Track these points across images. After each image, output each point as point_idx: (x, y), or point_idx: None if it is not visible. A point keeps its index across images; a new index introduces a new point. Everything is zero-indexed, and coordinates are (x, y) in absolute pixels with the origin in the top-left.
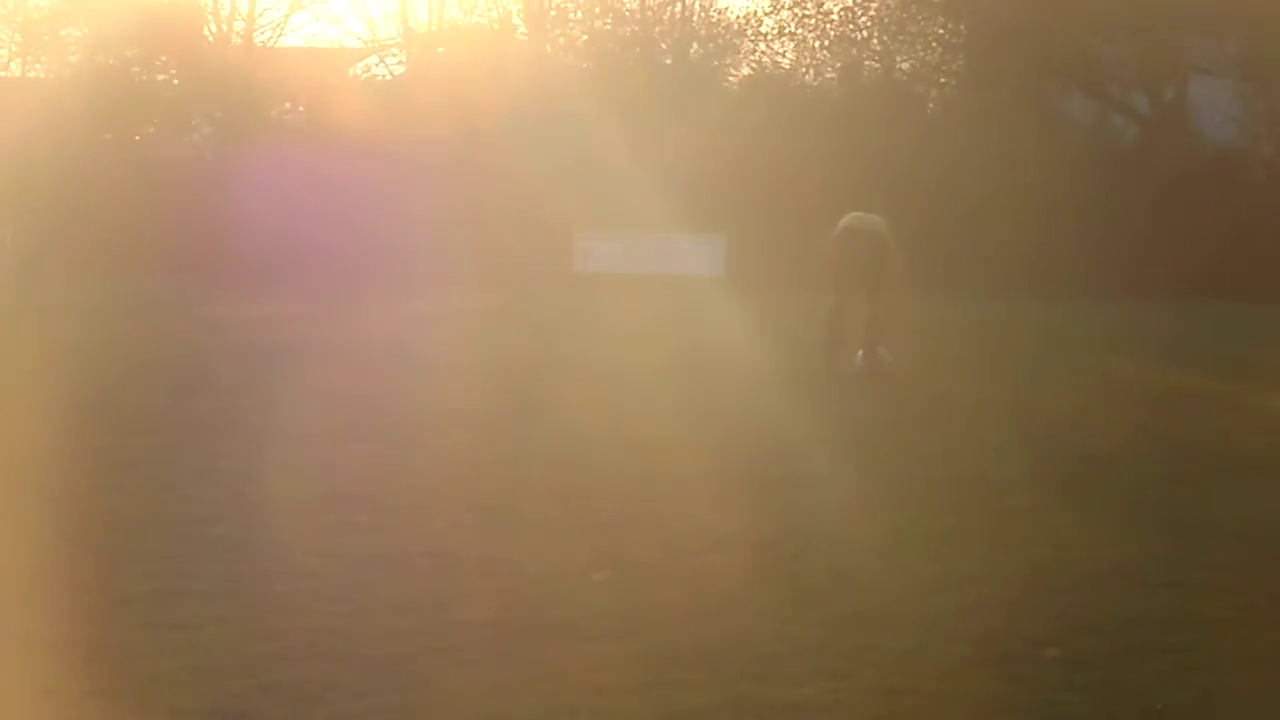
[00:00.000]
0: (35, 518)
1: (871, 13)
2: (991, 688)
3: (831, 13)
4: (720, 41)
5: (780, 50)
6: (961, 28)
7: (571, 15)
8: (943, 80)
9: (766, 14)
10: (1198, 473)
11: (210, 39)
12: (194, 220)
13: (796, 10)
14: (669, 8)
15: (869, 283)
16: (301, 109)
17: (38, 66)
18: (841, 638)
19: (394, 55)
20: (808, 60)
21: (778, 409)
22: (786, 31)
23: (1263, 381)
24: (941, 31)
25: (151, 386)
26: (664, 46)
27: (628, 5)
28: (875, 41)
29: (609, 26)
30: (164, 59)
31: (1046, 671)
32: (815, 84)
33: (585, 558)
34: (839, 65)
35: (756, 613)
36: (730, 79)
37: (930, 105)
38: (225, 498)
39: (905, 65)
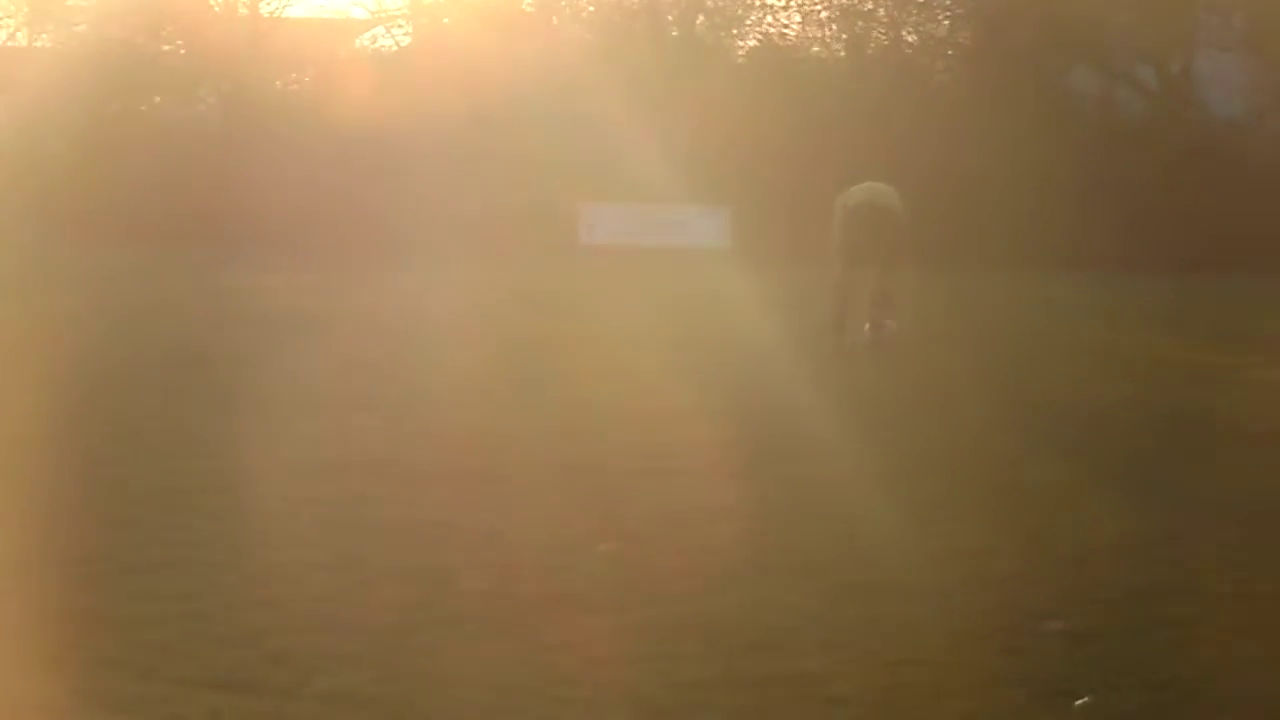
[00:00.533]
0: (40, 488)
1: None
2: (993, 660)
3: None
4: (726, 13)
5: (786, 22)
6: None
7: None
8: (949, 53)
9: None
10: (1202, 447)
11: (216, 9)
12: (201, 191)
13: None
14: None
15: (884, 258)
16: (308, 80)
17: (44, 36)
18: (843, 609)
19: (400, 26)
20: (814, 32)
21: (782, 381)
22: (794, 3)
23: (1266, 355)
24: (948, 3)
25: (158, 356)
26: (670, 18)
27: None
28: (882, 13)
29: None
30: (170, 29)
31: (1049, 644)
32: (821, 56)
33: (588, 529)
34: (845, 37)
35: (758, 585)
36: (736, 51)
37: (936, 78)
38: (230, 467)
39: (912, 38)
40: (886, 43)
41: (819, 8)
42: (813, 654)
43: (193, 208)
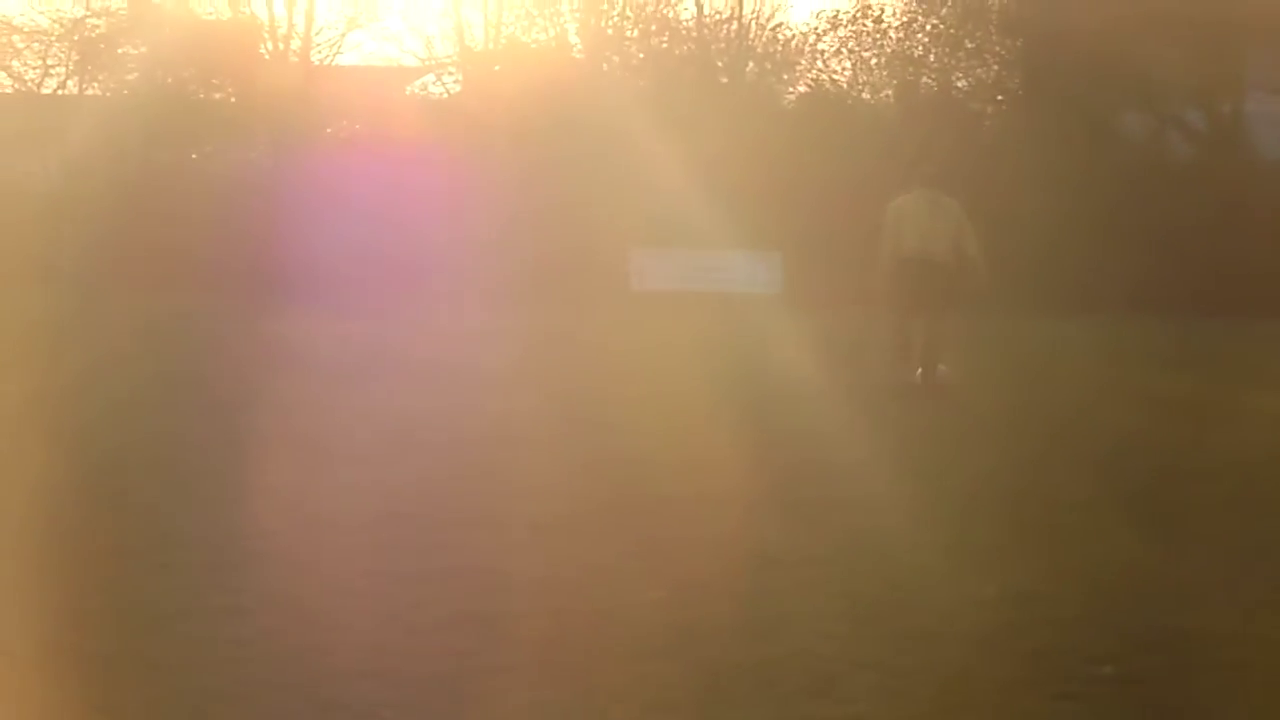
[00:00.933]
0: (88, 532)
1: (929, 29)
2: (1046, 705)
3: (890, 29)
4: (776, 60)
5: (838, 68)
6: (1018, 44)
7: (628, 33)
8: (999, 98)
9: (825, 31)
10: (1257, 492)
11: (267, 57)
12: (251, 237)
13: (855, 27)
14: (725, 25)
15: (935, 307)
16: (358, 127)
17: (95, 84)
18: (897, 655)
19: (450, 73)
20: (864, 78)
21: (834, 427)
22: (845, 49)
23: None
24: (998, 49)
25: (204, 402)
26: (719, 64)
27: (684, 23)
28: (932, 58)
29: (665, 45)
30: (220, 77)
31: (1102, 689)
32: (872, 101)
33: (640, 576)
34: (895, 82)
35: (811, 630)
36: (787, 97)
37: (987, 123)
38: (278, 514)
39: (962, 83)
40: (936, 88)
41: (869, 54)
42: (865, 700)
43: (242, 254)
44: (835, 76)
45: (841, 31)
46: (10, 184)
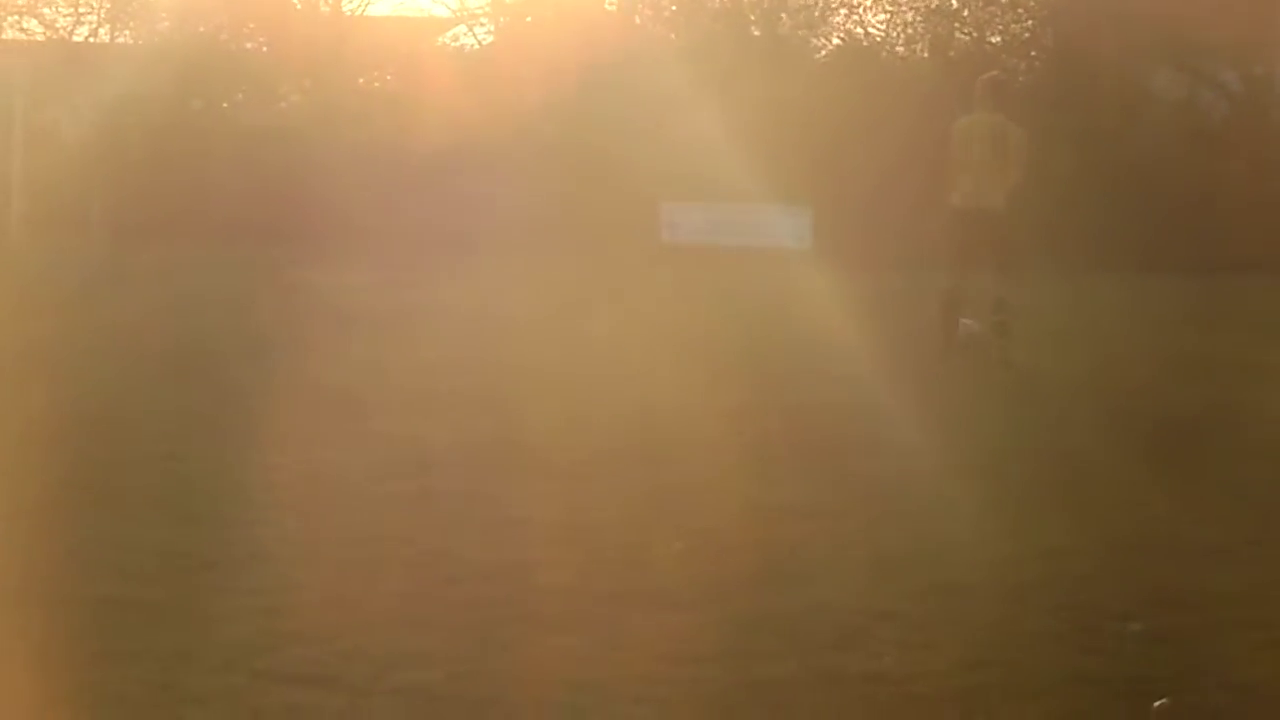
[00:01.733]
0: (114, 483)
1: None
2: (1073, 660)
3: None
4: (810, 13)
5: (872, 21)
6: (1053, 0)
7: None
8: (1033, 54)
9: None
10: None
11: (299, 6)
12: (282, 187)
13: None
14: None
15: (995, 262)
16: (390, 78)
17: (126, 32)
18: (922, 608)
19: (482, 24)
20: (898, 31)
21: (861, 380)
22: (880, 2)
23: None
24: (1033, 4)
25: (236, 351)
26: (752, 18)
27: None
28: (967, 13)
29: None
30: (252, 26)
31: (1128, 646)
32: (905, 56)
33: (666, 526)
34: (929, 37)
35: (836, 582)
36: (820, 51)
37: (1020, 79)
38: (305, 463)
39: (995, 39)
40: (970, 43)
41: (904, 8)
42: (891, 653)
43: (273, 204)
44: (870, 29)
45: None
46: (42, 132)
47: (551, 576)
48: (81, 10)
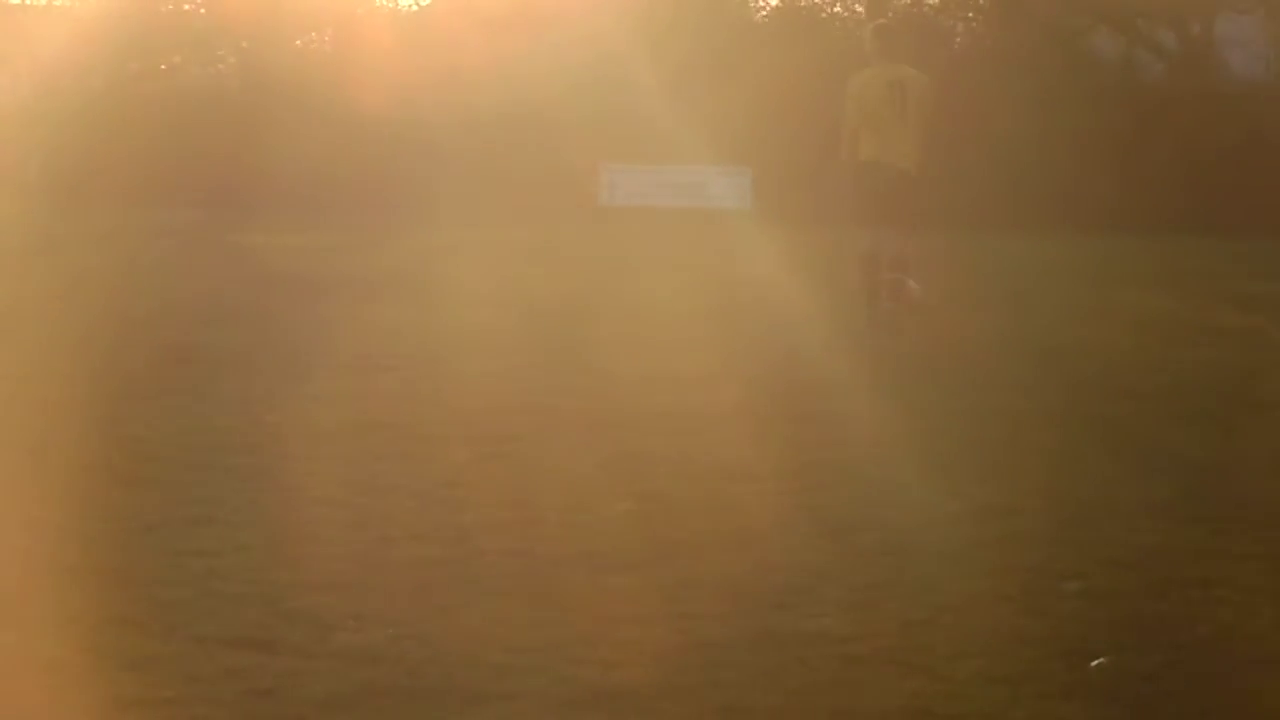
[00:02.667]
0: (58, 446)
1: None
2: (1013, 620)
3: None
4: None
5: None
6: None
7: None
8: (969, 15)
9: None
10: (1223, 409)
11: None
12: (220, 150)
13: None
14: None
15: (901, 220)
16: (327, 39)
17: None
18: (863, 569)
19: None
20: None
21: (805, 343)
22: None
23: None
24: None
25: (177, 316)
26: None
27: None
28: None
29: None
30: None
31: (1067, 605)
32: (844, 16)
33: (608, 489)
34: None
35: (779, 544)
36: (759, 11)
37: (957, 40)
38: (248, 426)
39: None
40: (908, 4)
41: None
42: (833, 613)
43: (212, 167)
44: None
45: None
46: None
47: (493, 539)
48: None
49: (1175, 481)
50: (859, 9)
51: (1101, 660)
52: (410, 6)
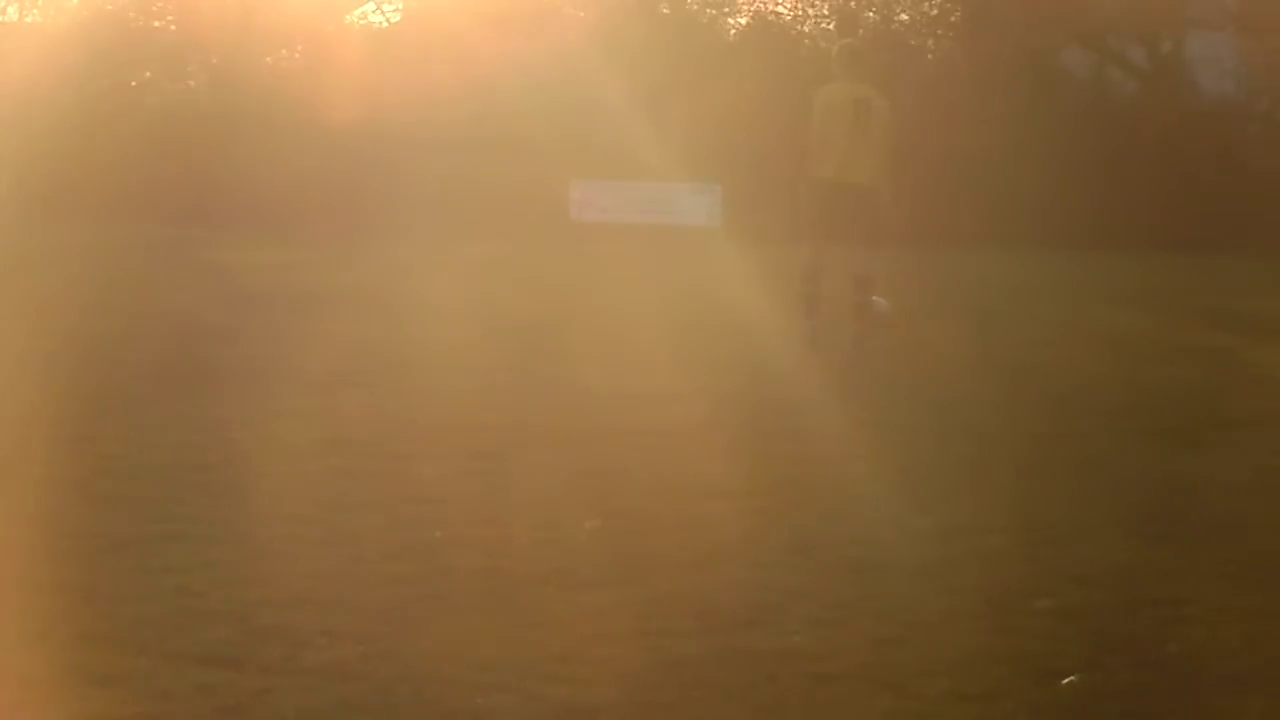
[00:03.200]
0: (25, 464)
1: None
2: (983, 638)
3: None
4: None
5: (779, 0)
6: None
7: None
8: (940, 32)
9: None
10: (1193, 427)
11: None
12: (191, 167)
13: None
14: None
15: (860, 237)
16: (298, 56)
17: (35, 12)
18: (834, 587)
19: (391, 3)
20: (807, 10)
21: (775, 361)
22: None
23: (1257, 335)
24: None
25: (146, 331)
26: None
27: None
28: None
29: None
30: (161, 4)
31: (1038, 622)
32: (814, 34)
33: (578, 506)
34: (837, 16)
35: (749, 562)
36: (729, 29)
37: (928, 57)
38: (218, 443)
39: (904, 17)
40: (878, 21)
41: None
42: (803, 631)
43: (182, 184)
44: (778, 9)
45: None
46: None
47: (464, 557)
48: None
49: (1145, 499)
50: (828, 26)
51: (1072, 678)
52: (381, 23)
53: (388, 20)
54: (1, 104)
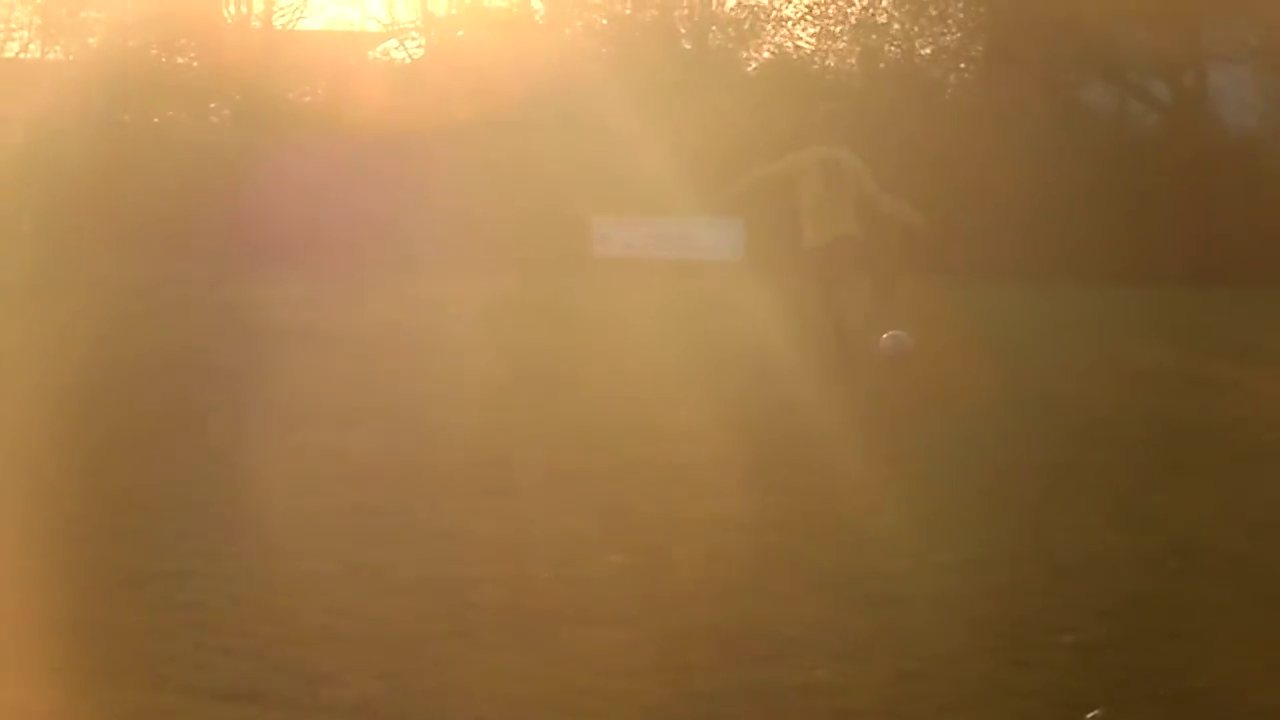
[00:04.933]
0: (44, 498)
1: None
2: (1004, 672)
3: None
4: (741, 26)
5: (801, 34)
6: (981, 12)
7: None
8: (961, 66)
9: None
10: (1207, 459)
11: (230, 21)
12: (214, 202)
13: None
14: None
15: (859, 273)
16: (320, 92)
17: (57, 48)
18: (854, 621)
19: (413, 39)
20: (828, 45)
21: (795, 395)
22: (809, 15)
23: (1276, 368)
24: (961, 16)
25: (163, 367)
26: (683, 31)
27: None
28: (896, 27)
29: (629, 11)
30: (183, 41)
31: (1060, 656)
32: (835, 69)
33: (599, 540)
34: (859, 50)
35: (770, 596)
36: (750, 64)
37: (949, 91)
38: (236, 479)
39: (925, 50)
40: (899, 55)
41: (832, 22)
42: (824, 665)
43: (205, 219)
44: (799, 43)
45: None
46: None
47: (486, 592)
48: (12, 26)
49: (1167, 533)
50: (850, 62)
51: (1096, 713)
52: (404, 59)
53: (410, 56)
54: (26, 139)
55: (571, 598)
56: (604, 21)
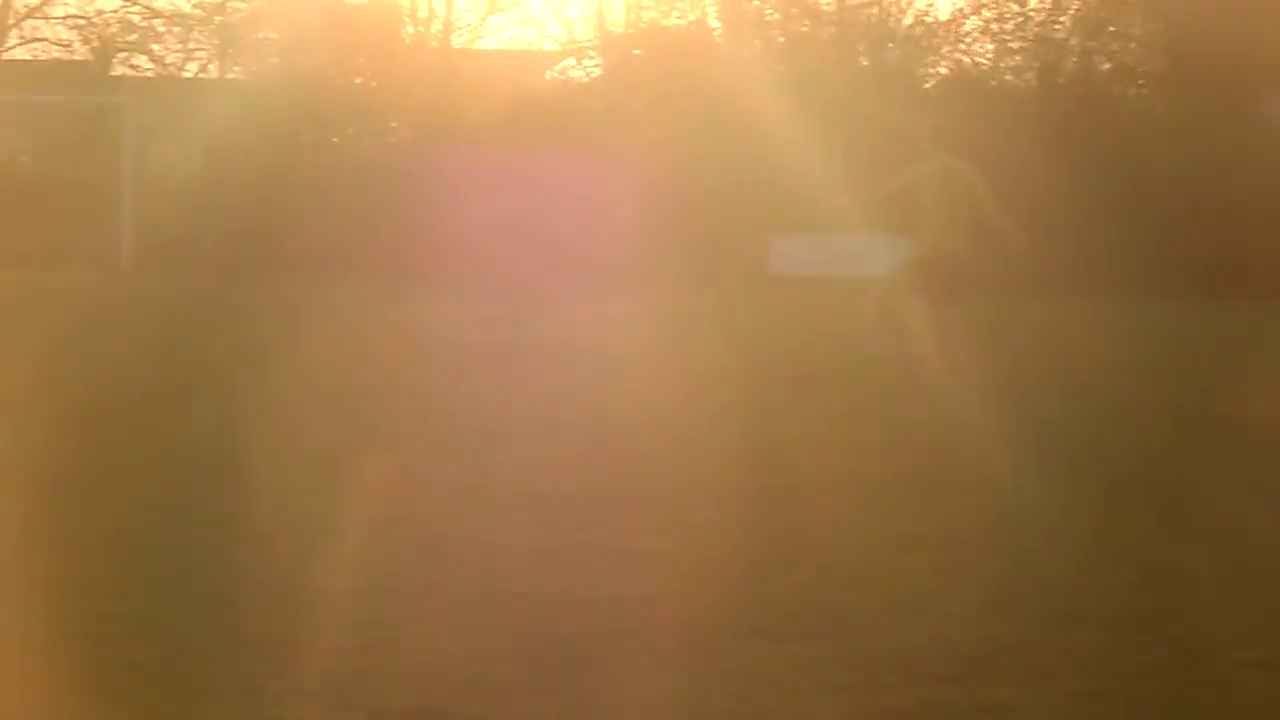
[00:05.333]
0: (233, 517)
1: (1073, 11)
2: (1192, 691)
3: (1034, 11)
4: (919, 42)
5: (980, 50)
6: (1161, 29)
7: (767, 14)
8: (1141, 82)
9: (968, 14)
10: None
11: (407, 41)
12: (391, 221)
13: (997, 9)
14: (867, 9)
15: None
16: (499, 111)
17: (236, 69)
18: (1037, 640)
19: (590, 57)
20: (1006, 60)
21: (970, 413)
22: (989, 31)
23: None
24: (1140, 32)
25: (347, 387)
26: (861, 48)
27: (825, 6)
28: (1074, 41)
29: (807, 28)
30: (361, 61)
31: (1247, 675)
32: (1014, 84)
33: (780, 558)
34: (1037, 65)
35: (952, 614)
36: (928, 80)
37: (1128, 107)
38: (421, 497)
39: (1105, 66)
40: (1078, 71)
41: (1011, 37)
42: (1006, 685)
43: (384, 238)
44: (977, 59)
45: (986, 13)
46: (152, 168)
47: (667, 610)
48: (191, 47)
49: None
50: (1029, 77)
51: None
52: (581, 78)
53: (587, 75)
54: (206, 160)
55: (754, 615)
56: (781, 39)
